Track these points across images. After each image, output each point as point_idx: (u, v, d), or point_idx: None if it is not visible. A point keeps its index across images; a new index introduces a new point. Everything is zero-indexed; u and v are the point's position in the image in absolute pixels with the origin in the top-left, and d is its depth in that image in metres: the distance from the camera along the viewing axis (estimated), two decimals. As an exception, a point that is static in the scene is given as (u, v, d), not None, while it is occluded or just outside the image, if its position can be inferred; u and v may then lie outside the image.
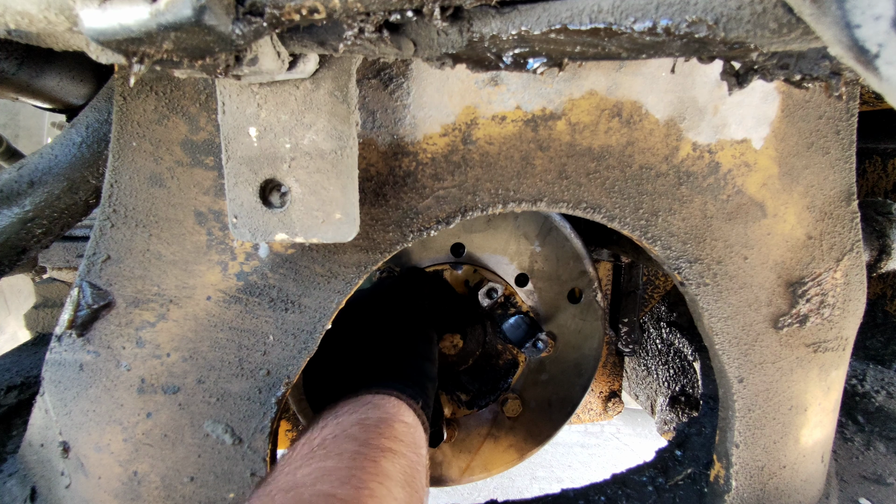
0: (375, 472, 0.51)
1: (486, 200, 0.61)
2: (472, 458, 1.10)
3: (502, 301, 1.01)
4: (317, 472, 0.50)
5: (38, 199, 0.62)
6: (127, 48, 0.32)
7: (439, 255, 0.99)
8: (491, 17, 0.35)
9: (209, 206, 0.59)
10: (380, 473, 0.51)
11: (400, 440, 0.59)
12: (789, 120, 0.62)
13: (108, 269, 0.60)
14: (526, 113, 0.59)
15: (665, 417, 1.42)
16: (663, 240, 0.64)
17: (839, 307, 0.68)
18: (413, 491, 0.54)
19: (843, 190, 0.66)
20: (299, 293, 0.61)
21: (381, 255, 0.61)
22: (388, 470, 0.53)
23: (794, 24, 0.28)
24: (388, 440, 0.58)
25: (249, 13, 0.31)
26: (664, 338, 1.44)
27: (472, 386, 1.08)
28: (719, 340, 0.67)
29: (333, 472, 0.50)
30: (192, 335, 0.61)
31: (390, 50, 0.37)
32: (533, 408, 1.09)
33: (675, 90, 0.59)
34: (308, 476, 0.50)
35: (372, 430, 0.59)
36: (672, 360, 1.43)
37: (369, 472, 0.51)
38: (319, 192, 0.47)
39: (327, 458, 0.53)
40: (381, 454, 0.54)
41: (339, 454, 0.53)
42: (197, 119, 0.56)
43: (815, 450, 0.75)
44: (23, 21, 0.33)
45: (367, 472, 0.51)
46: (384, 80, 0.56)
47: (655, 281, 1.41)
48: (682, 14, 0.30)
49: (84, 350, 0.61)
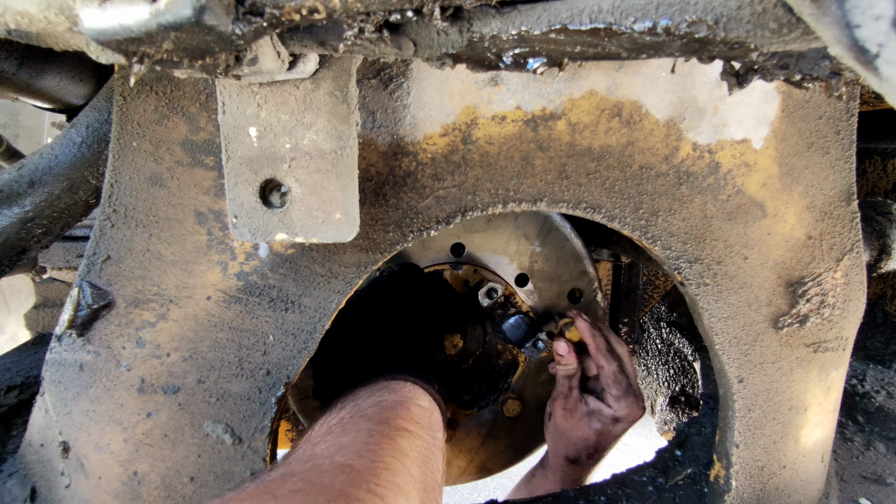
0: (392, 448, 0.52)
1: (486, 200, 0.61)
2: (472, 458, 1.10)
3: (502, 301, 1.01)
4: (334, 446, 0.52)
5: (38, 199, 0.62)
6: (127, 48, 0.32)
7: (439, 255, 0.99)
8: (491, 17, 0.35)
9: (209, 206, 0.59)
10: (396, 450, 0.52)
11: (416, 422, 0.60)
12: (789, 120, 0.62)
13: (108, 269, 0.60)
14: (526, 113, 0.59)
15: (665, 417, 1.42)
16: (663, 240, 0.64)
17: (839, 307, 0.68)
18: (429, 470, 0.54)
19: (843, 190, 0.66)
20: (299, 293, 0.61)
21: (381, 255, 0.61)
22: (405, 447, 0.53)
23: (794, 24, 0.28)
24: (404, 421, 0.58)
25: (249, 13, 0.31)
26: (664, 338, 1.44)
27: (472, 386, 1.08)
28: (719, 340, 0.67)
29: (350, 446, 0.51)
30: (192, 335, 0.61)
31: (390, 50, 0.37)
32: (533, 408, 1.09)
33: (675, 90, 0.59)
34: (326, 450, 0.51)
35: (388, 411, 0.60)
36: (672, 360, 1.43)
37: (385, 448, 0.52)
38: (319, 192, 0.47)
39: (344, 434, 0.54)
40: (398, 433, 0.55)
41: (356, 431, 0.54)
42: (197, 119, 0.56)
43: (815, 450, 0.75)
44: (23, 21, 0.33)
45: (383, 447, 0.52)
46: (384, 80, 0.56)
47: (655, 281, 1.41)
48: (682, 14, 0.30)
49: (84, 350, 0.61)
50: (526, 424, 1.10)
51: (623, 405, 0.90)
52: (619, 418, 0.90)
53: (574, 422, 0.93)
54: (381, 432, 0.54)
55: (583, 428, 0.92)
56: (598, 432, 0.92)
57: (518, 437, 1.10)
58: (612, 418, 0.90)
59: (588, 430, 0.92)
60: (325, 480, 0.45)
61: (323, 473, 0.46)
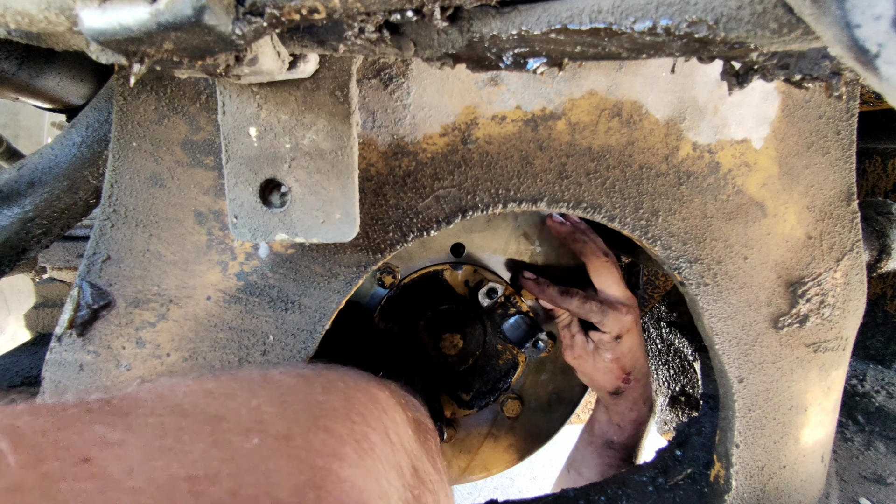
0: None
1: (486, 200, 0.61)
2: (472, 458, 1.10)
3: (502, 301, 1.01)
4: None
5: (38, 199, 0.62)
6: (127, 48, 0.32)
7: (439, 255, 0.99)
8: (491, 17, 0.35)
9: (209, 206, 0.59)
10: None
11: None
12: (789, 120, 0.62)
13: (108, 269, 0.60)
14: (526, 113, 0.59)
15: (665, 417, 1.42)
16: (663, 240, 0.64)
17: (839, 307, 0.68)
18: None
19: (843, 190, 0.66)
20: (299, 293, 0.61)
21: (381, 255, 0.61)
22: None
23: (794, 24, 0.28)
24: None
25: (249, 13, 0.31)
26: (664, 338, 1.44)
27: (471, 386, 1.08)
28: (719, 340, 0.67)
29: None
30: (192, 335, 0.61)
31: (390, 50, 0.37)
32: (533, 408, 1.09)
33: (675, 90, 0.59)
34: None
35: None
36: (672, 360, 1.43)
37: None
38: (319, 192, 0.47)
39: None
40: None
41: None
42: (197, 119, 0.56)
43: (815, 450, 0.75)
44: (23, 21, 0.33)
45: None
46: (384, 80, 0.56)
47: (655, 281, 1.41)
48: (682, 14, 0.30)
49: (84, 350, 0.61)
50: (526, 424, 1.10)
51: (609, 322, 0.92)
52: (617, 335, 0.93)
53: (591, 364, 0.96)
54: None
55: (599, 363, 0.95)
56: (612, 359, 0.94)
57: (518, 437, 1.10)
58: (612, 340, 0.93)
59: (604, 363, 0.95)
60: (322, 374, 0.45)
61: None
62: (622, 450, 1.00)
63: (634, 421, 0.99)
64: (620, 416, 0.99)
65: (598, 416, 1.05)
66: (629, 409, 0.98)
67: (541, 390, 1.09)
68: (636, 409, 0.98)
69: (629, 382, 0.96)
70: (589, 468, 1.04)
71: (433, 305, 1.01)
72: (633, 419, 0.99)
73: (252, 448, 0.32)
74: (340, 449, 0.36)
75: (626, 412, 0.99)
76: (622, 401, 0.98)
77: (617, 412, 1.00)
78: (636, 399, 0.98)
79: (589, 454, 1.05)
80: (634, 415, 0.98)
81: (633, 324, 0.93)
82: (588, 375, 0.98)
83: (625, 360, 0.94)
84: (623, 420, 0.99)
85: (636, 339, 0.94)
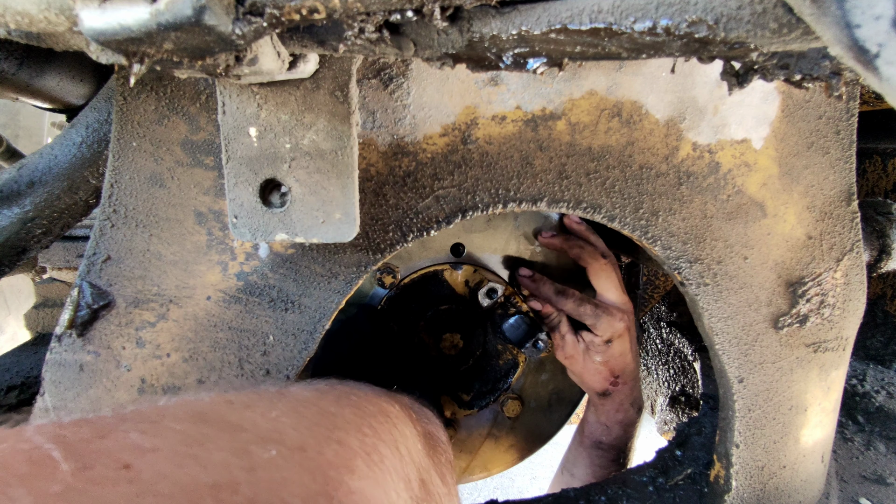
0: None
1: (486, 200, 0.61)
2: (472, 458, 1.10)
3: (502, 301, 1.01)
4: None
5: (38, 199, 0.62)
6: (127, 48, 0.32)
7: (439, 255, 0.99)
8: (491, 17, 0.35)
9: (209, 206, 0.59)
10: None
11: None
12: (789, 120, 0.62)
13: (108, 269, 0.60)
14: (526, 113, 0.59)
15: (665, 417, 1.42)
16: (663, 240, 0.64)
17: (839, 307, 0.68)
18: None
19: (843, 190, 0.66)
20: (299, 293, 0.61)
21: (381, 255, 0.61)
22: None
23: (794, 24, 0.28)
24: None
25: (249, 13, 0.31)
26: (664, 338, 1.44)
27: (472, 386, 1.08)
28: (719, 340, 0.67)
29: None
30: (192, 335, 0.61)
31: (390, 50, 0.37)
32: (533, 408, 1.09)
33: (675, 90, 0.59)
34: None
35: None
36: (672, 360, 1.43)
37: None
38: (319, 192, 0.47)
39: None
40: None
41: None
42: (197, 119, 0.56)
43: (815, 450, 0.75)
44: (23, 21, 0.33)
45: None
46: (384, 80, 0.56)
47: (655, 281, 1.41)
48: (682, 14, 0.30)
49: (84, 350, 0.61)
50: (526, 424, 1.10)
51: (602, 326, 0.92)
52: (608, 339, 0.93)
53: (581, 364, 0.97)
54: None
55: (588, 364, 0.96)
56: (601, 362, 0.95)
57: (518, 437, 1.10)
58: (603, 343, 0.94)
59: (593, 364, 0.96)
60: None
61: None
62: (611, 450, 1.01)
63: (621, 423, 1.00)
64: (607, 416, 1.00)
65: (588, 417, 1.06)
66: (615, 410, 0.99)
67: (541, 390, 1.09)
68: (622, 412, 0.99)
69: (617, 385, 0.97)
70: (580, 468, 1.05)
71: (433, 305, 1.01)
72: (619, 420, 1.00)
73: (269, 458, 0.33)
74: (352, 461, 0.38)
75: (612, 413, 1.00)
76: (609, 402, 0.99)
77: (604, 412, 1.01)
78: (623, 401, 0.99)
79: (580, 455, 1.06)
80: (621, 416, 0.99)
81: (625, 329, 0.94)
82: (578, 375, 1.00)
83: (614, 363, 0.95)
84: (610, 421, 1.00)
85: (627, 344, 0.95)
